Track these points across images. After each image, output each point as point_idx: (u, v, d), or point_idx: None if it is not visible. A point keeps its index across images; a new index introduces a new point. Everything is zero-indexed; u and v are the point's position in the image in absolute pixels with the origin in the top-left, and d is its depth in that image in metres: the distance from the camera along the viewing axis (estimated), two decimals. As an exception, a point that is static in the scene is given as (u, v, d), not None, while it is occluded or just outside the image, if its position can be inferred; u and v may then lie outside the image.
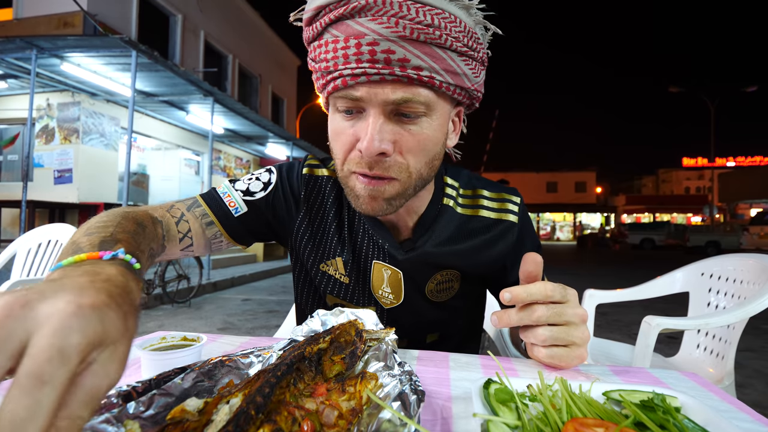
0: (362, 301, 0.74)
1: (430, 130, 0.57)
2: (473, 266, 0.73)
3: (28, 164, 5.61)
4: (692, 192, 48.52)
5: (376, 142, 0.54)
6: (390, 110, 0.55)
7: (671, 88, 21.34)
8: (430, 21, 0.51)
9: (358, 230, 0.73)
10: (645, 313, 1.13)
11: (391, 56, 0.51)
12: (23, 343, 0.24)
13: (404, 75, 0.52)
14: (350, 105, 0.56)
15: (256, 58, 12.51)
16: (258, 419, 0.31)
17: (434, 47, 0.53)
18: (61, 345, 0.24)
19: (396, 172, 0.57)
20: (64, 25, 7.03)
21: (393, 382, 0.41)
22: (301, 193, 0.74)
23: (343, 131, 0.58)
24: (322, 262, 0.75)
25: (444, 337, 0.79)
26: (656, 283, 1.56)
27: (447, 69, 0.55)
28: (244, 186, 0.74)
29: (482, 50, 0.60)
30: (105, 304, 0.28)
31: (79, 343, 0.25)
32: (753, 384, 2.55)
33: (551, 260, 12.83)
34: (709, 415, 0.34)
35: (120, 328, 0.28)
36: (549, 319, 0.50)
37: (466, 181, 0.77)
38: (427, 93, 0.55)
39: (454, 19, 0.54)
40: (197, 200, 0.72)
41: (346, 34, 0.53)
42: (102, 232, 0.46)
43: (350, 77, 0.53)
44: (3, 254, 2.10)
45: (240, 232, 0.73)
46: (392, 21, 0.51)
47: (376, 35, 0.51)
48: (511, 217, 0.74)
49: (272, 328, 3.87)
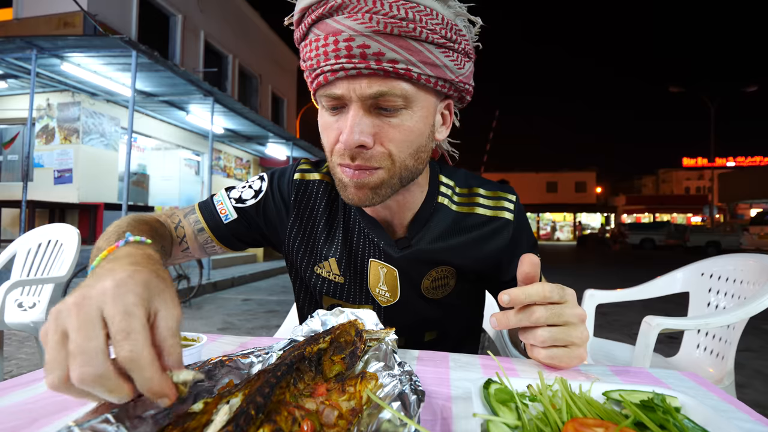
0: (359, 299, 0.75)
1: (411, 122, 0.58)
2: (467, 262, 0.73)
3: (28, 164, 5.61)
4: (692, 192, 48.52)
5: (355, 135, 0.56)
6: (369, 104, 0.56)
7: (671, 88, 21.33)
8: (404, 14, 0.53)
9: (354, 230, 0.74)
10: (645, 313, 1.13)
11: (366, 51, 0.53)
12: (101, 316, 0.33)
13: (380, 68, 0.54)
14: (333, 102, 0.58)
15: (256, 58, 12.51)
16: (258, 419, 0.31)
17: (409, 40, 0.54)
18: (123, 307, 0.33)
19: (378, 161, 0.59)
20: (64, 25, 7.04)
21: (393, 382, 0.41)
22: (291, 197, 0.76)
23: (329, 126, 0.60)
24: (316, 264, 0.76)
25: (442, 335, 0.79)
26: (656, 283, 1.56)
27: (425, 61, 0.56)
28: (237, 194, 0.77)
29: (465, 42, 0.61)
30: (135, 270, 0.37)
31: (134, 300, 0.34)
32: (753, 384, 2.55)
33: (551, 260, 12.84)
34: (709, 415, 0.34)
35: (155, 280, 0.37)
36: (548, 320, 0.50)
37: (462, 181, 0.78)
38: (405, 86, 0.56)
39: (430, 11, 0.55)
40: (194, 208, 0.77)
41: (326, 32, 0.55)
42: (117, 233, 0.56)
43: (330, 73, 0.55)
44: (3, 254, 2.10)
45: (229, 238, 0.77)
46: (366, 17, 0.52)
47: (352, 31, 0.53)
48: (507, 215, 0.74)
49: (272, 328, 3.87)
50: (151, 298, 0.35)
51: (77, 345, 0.31)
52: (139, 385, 0.32)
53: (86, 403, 0.41)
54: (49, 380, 0.31)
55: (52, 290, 1.91)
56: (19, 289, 1.97)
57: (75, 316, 0.32)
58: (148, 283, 0.36)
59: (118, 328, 0.32)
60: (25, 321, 1.80)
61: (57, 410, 0.40)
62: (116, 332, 0.32)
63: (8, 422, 0.37)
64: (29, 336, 2.77)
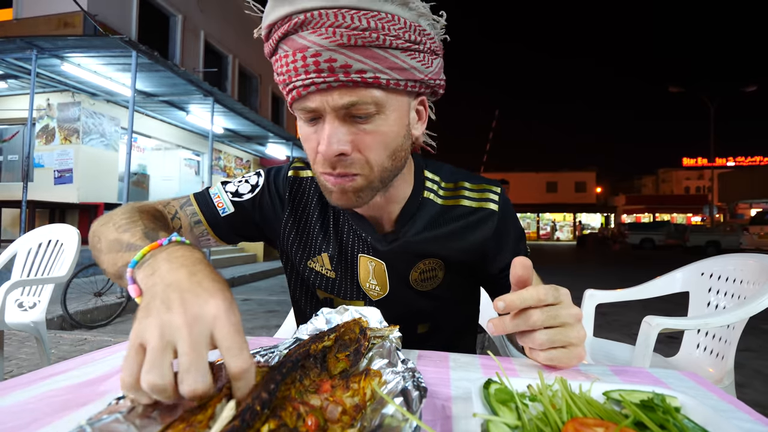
0: (350, 294, 0.77)
1: (385, 126, 0.60)
2: (453, 253, 0.75)
3: (29, 164, 5.61)
4: (692, 192, 48.52)
5: (334, 144, 0.57)
6: (343, 114, 0.58)
7: (671, 88, 21.34)
8: (366, 25, 0.54)
9: (343, 227, 0.76)
10: (645, 313, 1.13)
11: (333, 64, 0.54)
12: (210, 336, 0.36)
13: (349, 80, 0.55)
14: (309, 115, 0.60)
15: (256, 58, 12.51)
16: (264, 414, 0.31)
17: (375, 49, 0.56)
18: (232, 327, 0.37)
19: (358, 169, 0.61)
20: (64, 26, 7.04)
21: (396, 378, 0.42)
22: (286, 193, 0.78)
23: (308, 137, 0.62)
24: (309, 258, 0.78)
25: (435, 327, 0.80)
26: (656, 283, 1.56)
27: (392, 67, 0.57)
28: (234, 188, 0.79)
29: (430, 41, 0.62)
30: (223, 286, 0.40)
31: (238, 319, 0.38)
32: (753, 384, 2.55)
33: (551, 260, 12.84)
34: (709, 415, 0.34)
35: (220, 295, 0.39)
36: (544, 322, 0.50)
37: (447, 175, 0.79)
38: (375, 93, 0.57)
39: (392, 17, 0.56)
40: (189, 199, 0.78)
41: (294, 48, 0.56)
42: (134, 226, 0.57)
43: (302, 88, 0.57)
44: (3, 254, 2.10)
45: (225, 231, 0.78)
46: (330, 31, 0.54)
47: (318, 47, 0.54)
48: (491, 206, 0.76)
49: (272, 328, 3.87)
50: (238, 314, 0.39)
51: (190, 361, 0.34)
52: (243, 393, 0.35)
53: (85, 404, 0.41)
54: (148, 380, 0.33)
55: (52, 290, 1.91)
56: (20, 289, 1.97)
57: (188, 335, 0.35)
58: (233, 298, 0.40)
59: (232, 347, 0.36)
60: (25, 321, 1.80)
61: (57, 410, 0.40)
62: (232, 350, 0.35)
63: (8, 422, 0.37)
64: (29, 336, 2.77)
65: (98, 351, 0.59)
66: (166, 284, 0.40)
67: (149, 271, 0.43)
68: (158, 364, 0.34)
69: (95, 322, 3.84)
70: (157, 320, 0.36)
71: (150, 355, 0.34)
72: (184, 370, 0.34)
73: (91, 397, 0.43)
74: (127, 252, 0.52)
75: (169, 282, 0.40)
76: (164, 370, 0.34)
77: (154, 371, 0.33)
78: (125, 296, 4.15)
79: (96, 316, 3.89)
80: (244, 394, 0.35)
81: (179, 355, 0.34)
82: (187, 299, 0.37)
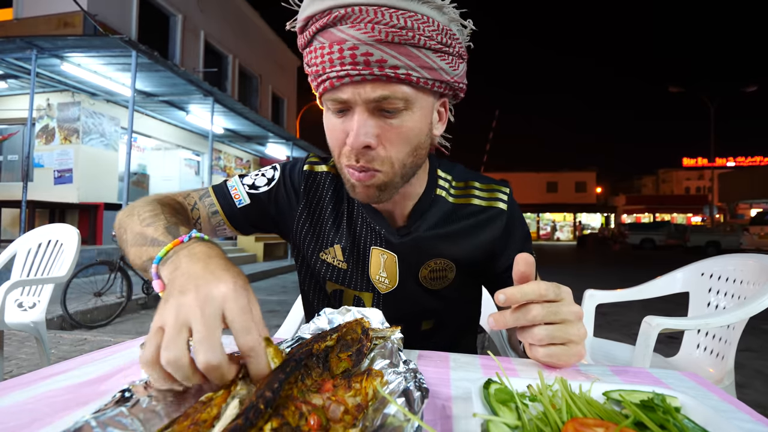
0: (360, 285, 0.78)
1: (411, 122, 0.62)
2: (464, 252, 0.76)
3: (28, 164, 5.61)
4: (692, 192, 48.54)
5: (361, 136, 0.59)
6: (373, 107, 0.60)
7: (671, 88, 21.34)
8: (403, 24, 0.57)
9: (357, 219, 0.78)
10: (645, 313, 1.13)
11: (369, 58, 0.57)
12: (221, 315, 0.39)
13: (383, 74, 0.57)
14: (339, 106, 0.62)
15: (256, 58, 12.52)
16: (267, 413, 0.32)
17: (409, 47, 0.58)
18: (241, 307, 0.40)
19: (378, 165, 0.63)
20: (64, 25, 7.04)
21: (398, 379, 0.42)
22: (301, 186, 0.81)
23: (335, 128, 0.64)
24: (322, 250, 0.80)
25: (439, 325, 0.81)
26: (656, 283, 1.56)
27: (423, 66, 0.59)
28: (251, 181, 0.81)
29: (458, 45, 0.64)
30: (237, 274, 0.43)
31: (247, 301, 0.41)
32: (753, 384, 2.55)
33: (551, 260, 12.85)
34: (709, 415, 0.34)
35: (230, 279, 0.42)
36: (545, 318, 0.50)
37: (459, 175, 0.82)
38: (405, 89, 0.60)
39: (427, 19, 0.59)
40: (208, 191, 0.81)
41: (331, 41, 0.58)
42: (157, 220, 0.59)
43: (336, 79, 0.59)
44: (3, 254, 2.10)
45: (241, 222, 0.80)
46: (369, 26, 0.56)
47: (356, 40, 0.57)
48: (500, 205, 0.78)
49: (272, 328, 3.87)
50: (250, 298, 0.42)
51: (203, 336, 0.37)
52: (255, 370, 0.38)
53: (85, 404, 0.41)
54: (166, 356, 0.36)
55: (52, 290, 1.91)
56: (19, 289, 1.97)
57: (200, 314, 0.38)
58: (246, 285, 0.43)
59: (240, 326, 0.38)
60: (25, 321, 1.81)
61: (57, 410, 0.40)
62: (239, 328, 0.38)
63: (8, 422, 0.37)
64: (29, 336, 2.77)
65: (98, 351, 0.59)
66: (184, 276, 0.43)
67: (172, 267, 0.47)
68: (174, 341, 0.37)
69: (95, 322, 3.84)
70: (174, 303, 0.39)
71: (167, 334, 0.37)
72: (198, 345, 0.36)
73: (92, 397, 0.43)
74: (151, 247, 0.55)
75: (187, 274, 0.43)
76: (180, 346, 0.36)
77: (171, 347, 0.36)
78: (125, 296, 4.15)
79: (96, 316, 3.90)
80: (255, 372, 0.38)
81: (194, 332, 0.37)
82: (200, 284, 0.41)
